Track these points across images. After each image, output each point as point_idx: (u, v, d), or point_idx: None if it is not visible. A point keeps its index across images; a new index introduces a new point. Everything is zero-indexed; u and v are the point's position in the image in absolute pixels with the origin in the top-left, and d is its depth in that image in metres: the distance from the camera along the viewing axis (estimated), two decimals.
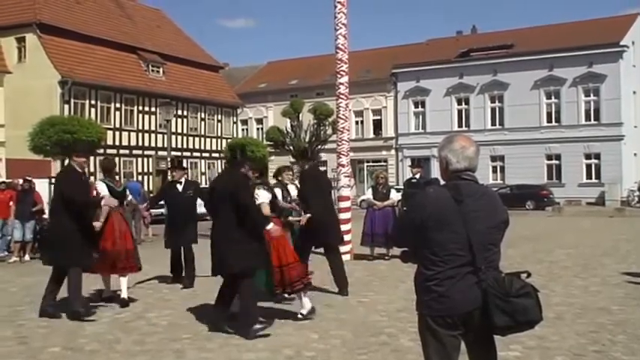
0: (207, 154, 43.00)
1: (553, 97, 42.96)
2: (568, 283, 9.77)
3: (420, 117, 47.55)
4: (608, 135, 40.55)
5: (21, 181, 15.32)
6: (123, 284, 8.45)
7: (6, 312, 8.05)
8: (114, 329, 7.09)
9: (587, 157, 41.84)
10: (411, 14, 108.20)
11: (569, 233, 19.75)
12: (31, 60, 33.40)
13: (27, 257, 14.25)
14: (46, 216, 16.60)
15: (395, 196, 13.66)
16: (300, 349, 6.14)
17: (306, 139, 30.43)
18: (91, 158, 32.58)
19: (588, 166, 41.87)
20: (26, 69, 32.76)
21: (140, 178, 34.59)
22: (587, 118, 41.98)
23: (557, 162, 42.67)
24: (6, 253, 14.87)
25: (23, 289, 9.93)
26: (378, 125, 49.33)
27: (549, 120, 43.13)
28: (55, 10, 35.81)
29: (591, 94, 41.84)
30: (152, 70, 40.06)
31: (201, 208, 9.29)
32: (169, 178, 11.95)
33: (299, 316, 7.30)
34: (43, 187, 17.03)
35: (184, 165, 11.78)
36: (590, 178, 41.58)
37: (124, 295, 8.44)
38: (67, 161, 24.14)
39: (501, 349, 3.88)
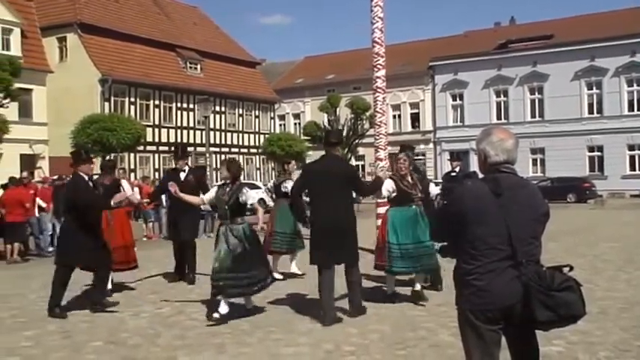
0: (245, 150, 43.28)
1: (594, 88, 42.14)
2: (612, 277, 9.58)
3: (458, 110, 47.15)
4: None
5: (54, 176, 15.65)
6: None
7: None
8: (155, 324, 7.18)
9: (631, 148, 40.97)
10: (449, 6, 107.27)
11: (612, 226, 19.37)
12: (72, 59, 34.07)
13: None
14: None
15: (434, 190, 13.50)
16: (339, 343, 6.13)
17: (344, 134, 30.53)
18: (131, 155, 33.29)
19: (632, 158, 40.99)
20: (68, 68, 33.40)
21: None
22: (631, 108, 41.06)
23: (599, 154, 41.88)
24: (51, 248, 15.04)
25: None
26: (415, 119, 49.03)
27: (591, 111, 42.33)
28: (95, 10, 36.42)
29: (634, 84, 40.96)
30: (190, 67, 40.48)
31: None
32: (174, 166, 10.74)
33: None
34: None
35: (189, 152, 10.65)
36: (634, 170, 40.72)
37: None
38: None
39: (544, 344, 3.82)
